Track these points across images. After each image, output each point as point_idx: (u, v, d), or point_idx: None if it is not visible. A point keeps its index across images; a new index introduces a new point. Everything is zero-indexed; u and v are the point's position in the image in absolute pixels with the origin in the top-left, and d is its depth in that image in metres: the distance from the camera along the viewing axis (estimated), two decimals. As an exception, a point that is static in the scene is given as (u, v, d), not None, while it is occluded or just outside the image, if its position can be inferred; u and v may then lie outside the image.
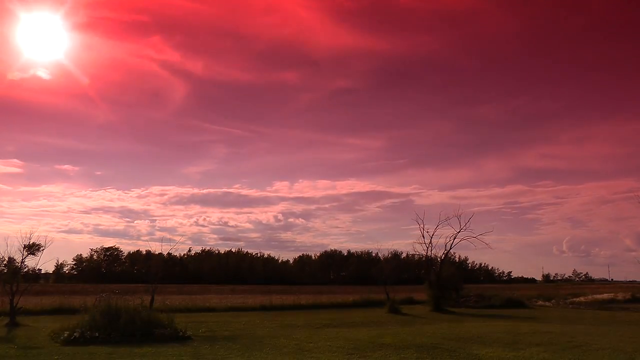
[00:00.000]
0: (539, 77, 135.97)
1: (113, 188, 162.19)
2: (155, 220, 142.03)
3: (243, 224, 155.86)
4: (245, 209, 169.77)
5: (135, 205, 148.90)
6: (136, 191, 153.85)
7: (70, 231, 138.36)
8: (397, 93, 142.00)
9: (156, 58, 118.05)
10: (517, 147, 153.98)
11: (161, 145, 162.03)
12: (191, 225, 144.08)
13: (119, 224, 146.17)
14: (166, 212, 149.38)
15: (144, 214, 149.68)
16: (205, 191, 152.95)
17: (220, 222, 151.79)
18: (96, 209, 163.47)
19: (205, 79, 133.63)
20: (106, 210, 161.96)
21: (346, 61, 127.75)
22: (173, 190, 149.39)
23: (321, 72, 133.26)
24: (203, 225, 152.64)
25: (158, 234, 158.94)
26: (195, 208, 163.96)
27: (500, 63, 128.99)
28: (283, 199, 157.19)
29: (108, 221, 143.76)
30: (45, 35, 72.09)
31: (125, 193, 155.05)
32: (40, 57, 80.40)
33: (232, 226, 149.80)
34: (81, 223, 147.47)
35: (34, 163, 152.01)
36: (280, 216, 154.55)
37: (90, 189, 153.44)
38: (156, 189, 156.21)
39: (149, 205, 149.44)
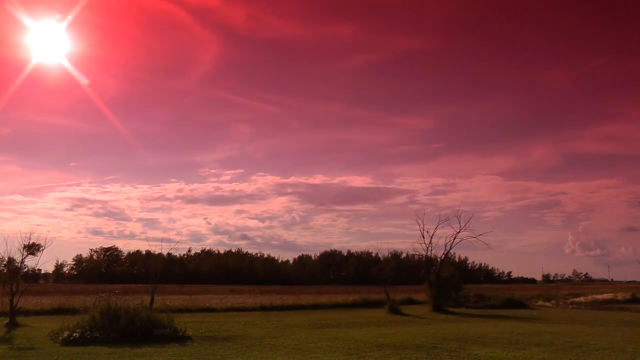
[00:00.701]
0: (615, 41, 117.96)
1: (114, 183, 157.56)
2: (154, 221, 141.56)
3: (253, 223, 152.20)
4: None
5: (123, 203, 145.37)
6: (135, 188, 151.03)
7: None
8: (466, 57, 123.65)
9: (188, 1, 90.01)
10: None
11: (179, 126, 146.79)
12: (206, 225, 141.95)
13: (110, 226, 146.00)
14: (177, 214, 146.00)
15: (128, 215, 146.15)
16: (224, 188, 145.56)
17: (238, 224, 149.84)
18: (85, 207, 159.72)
19: (243, 35, 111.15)
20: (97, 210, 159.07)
21: (416, 11, 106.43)
22: (177, 186, 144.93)
23: (384, 25, 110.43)
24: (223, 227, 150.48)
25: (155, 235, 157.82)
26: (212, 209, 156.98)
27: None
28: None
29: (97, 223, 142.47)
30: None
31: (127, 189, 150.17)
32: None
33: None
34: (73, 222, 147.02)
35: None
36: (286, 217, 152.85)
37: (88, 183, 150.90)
38: (164, 186, 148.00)
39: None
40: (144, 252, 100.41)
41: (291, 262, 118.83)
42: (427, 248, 31.80)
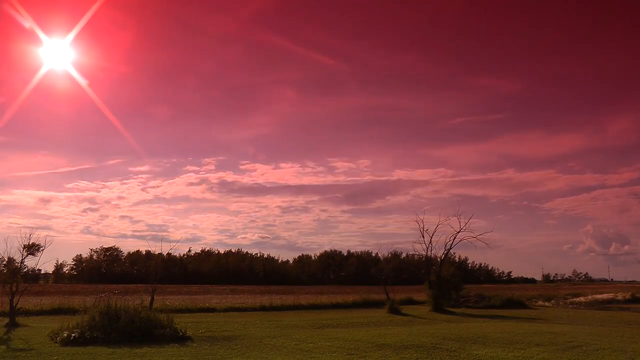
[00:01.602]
0: None
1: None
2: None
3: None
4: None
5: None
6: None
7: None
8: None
9: None
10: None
11: (206, 90, 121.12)
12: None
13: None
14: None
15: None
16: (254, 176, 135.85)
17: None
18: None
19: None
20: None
21: None
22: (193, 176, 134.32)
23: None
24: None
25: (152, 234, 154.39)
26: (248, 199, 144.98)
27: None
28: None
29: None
30: None
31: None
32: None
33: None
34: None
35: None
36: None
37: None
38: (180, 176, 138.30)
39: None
40: (144, 252, 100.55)
41: (291, 262, 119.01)
42: (427, 248, 31.85)
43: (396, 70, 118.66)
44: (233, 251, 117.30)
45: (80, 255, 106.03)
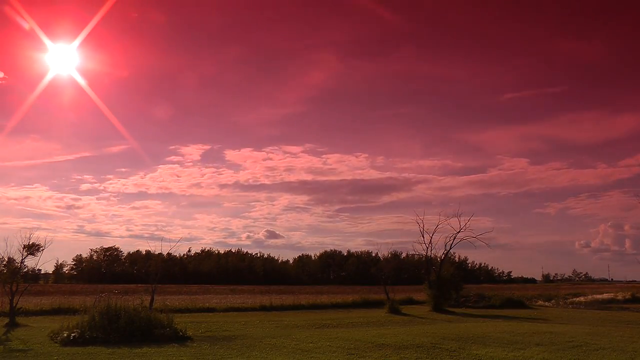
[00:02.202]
0: None
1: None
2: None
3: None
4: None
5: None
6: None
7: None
8: None
9: None
10: None
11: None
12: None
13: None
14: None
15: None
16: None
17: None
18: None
19: None
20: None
21: None
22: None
23: None
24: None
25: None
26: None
27: None
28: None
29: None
30: None
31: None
32: None
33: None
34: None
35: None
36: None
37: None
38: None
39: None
40: (144, 252, 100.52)
41: (291, 262, 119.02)
42: (427, 248, 31.85)
43: (464, 30, 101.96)
44: (233, 251, 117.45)
45: (80, 255, 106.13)
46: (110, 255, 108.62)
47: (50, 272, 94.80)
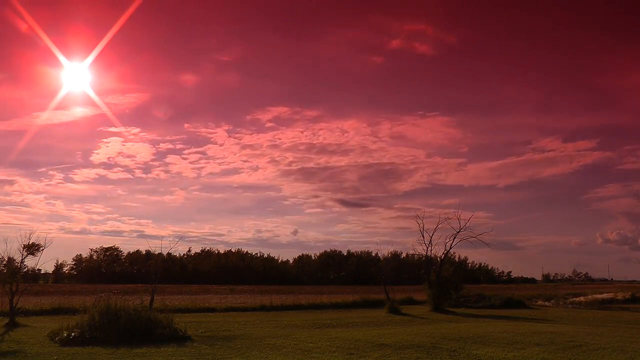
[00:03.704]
0: None
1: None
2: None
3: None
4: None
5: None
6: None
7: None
8: None
9: None
10: None
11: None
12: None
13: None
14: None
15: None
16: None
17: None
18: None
19: None
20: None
21: None
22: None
23: None
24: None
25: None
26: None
27: None
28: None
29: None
30: None
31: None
32: None
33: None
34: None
35: None
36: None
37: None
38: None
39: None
40: (144, 252, 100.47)
41: (291, 262, 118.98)
42: (427, 248, 31.84)
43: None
44: (233, 251, 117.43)
45: (80, 255, 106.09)
46: (110, 255, 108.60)
47: (50, 272, 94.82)
